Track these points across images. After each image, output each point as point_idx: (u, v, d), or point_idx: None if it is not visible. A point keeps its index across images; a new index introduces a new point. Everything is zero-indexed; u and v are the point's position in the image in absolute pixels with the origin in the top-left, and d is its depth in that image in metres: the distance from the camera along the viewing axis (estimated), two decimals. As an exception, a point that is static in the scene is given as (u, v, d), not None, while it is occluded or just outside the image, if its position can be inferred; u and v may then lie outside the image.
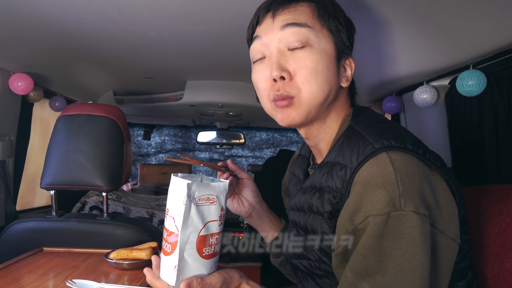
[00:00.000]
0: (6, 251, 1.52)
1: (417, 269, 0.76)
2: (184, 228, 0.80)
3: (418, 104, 1.65)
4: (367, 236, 0.77)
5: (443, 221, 0.80)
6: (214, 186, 0.85)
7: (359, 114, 0.97)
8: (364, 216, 0.78)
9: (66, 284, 1.14)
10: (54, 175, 1.54)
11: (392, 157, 0.79)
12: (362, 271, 0.79)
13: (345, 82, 0.95)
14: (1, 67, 1.70)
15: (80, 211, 2.56)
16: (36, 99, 1.98)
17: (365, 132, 0.87)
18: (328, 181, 0.90)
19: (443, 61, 1.43)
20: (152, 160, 5.00)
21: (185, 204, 0.79)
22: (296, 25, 0.88)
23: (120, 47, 1.68)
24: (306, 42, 0.88)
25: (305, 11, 0.90)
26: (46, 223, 1.56)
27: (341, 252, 0.84)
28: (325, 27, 0.90)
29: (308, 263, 0.99)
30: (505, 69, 1.31)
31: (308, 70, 0.88)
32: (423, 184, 0.79)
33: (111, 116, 1.61)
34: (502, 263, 1.05)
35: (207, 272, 0.85)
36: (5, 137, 1.82)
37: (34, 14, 1.31)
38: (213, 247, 0.85)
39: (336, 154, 0.91)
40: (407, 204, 0.75)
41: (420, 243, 0.75)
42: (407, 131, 0.90)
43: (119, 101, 2.72)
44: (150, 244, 1.40)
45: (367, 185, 0.79)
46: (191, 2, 1.22)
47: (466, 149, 1.53)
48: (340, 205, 0.87)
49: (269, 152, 4.89)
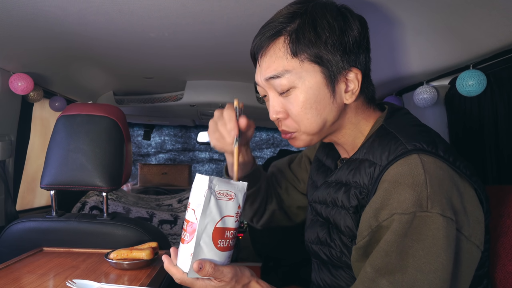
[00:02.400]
0: (6, 251, 1.52)
1: (438, 270, 0.76)
2: (203, 217, 0.84)
3: (418, 104, 1.65)
4: (391, 233, 0.78)
5: (469, 227, 0.81)
6: (233, 184, 0.89)
7: (393, 115, 0.97)
8: (390, 213, 0.79)
9: (66, 284, 1.14)
10: (54, 175, 1.54)
11: (423, 159, 0.80)
12: (383, 268, 0.80)
13: (349, 98, 0.92)
14: (1, 67, 1.70)
15: (80, 211, 2.56)
16: (36, 99, 1.98)
17: (398, 133, 0.88)
18: (355, 177, 0.91)
19: (443, 61, 1.43)
20: (152, 160, 4.99)
21: (206, 195, 0.83)
22: (275, 77, 0.90)
23: (120, 47, 1.68)
24: (290, 86, 0.90)
25: (282, 51, 0.88)
26: (46, 223, 1.56)
27: (362, 247, 0.85)
28: (306, 60, 0.88)
29: (330, 252, 0.99)
30: (505, 69, 1.31)
31: (299, 109, 0.91)
32: (452, 189, 0.79)
33: (111, 116, 1.61)
34: (503, 265, 1.05)
35: (221, 263, 0.87)
36: (5, 137, 1.82)
37: (34, 14, 1.31)
38: (228, 241, 0.88)
39: (366, 151, 0.91)
40: (434, 206, 0.76)
41: (443, 246, 0.76)
42: (440, 136, 0.90)
43: (119, 101, 2.72)
44: (150, 244, 1.40)
45: (395, 183, 0.79)
46: (191, 2, 1.22)
47: (466, 149, 1.52)
48: (365, 201, 0.87)
49: (269, 152, 4.89)
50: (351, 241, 0.92)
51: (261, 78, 0.94)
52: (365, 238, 0.84)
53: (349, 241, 0.93)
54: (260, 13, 0.97)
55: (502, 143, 1.35)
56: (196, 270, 0.82)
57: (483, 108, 1.43)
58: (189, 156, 5.06)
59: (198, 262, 0.82)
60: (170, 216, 2.82)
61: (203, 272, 0.82)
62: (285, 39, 0.88)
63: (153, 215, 2.80)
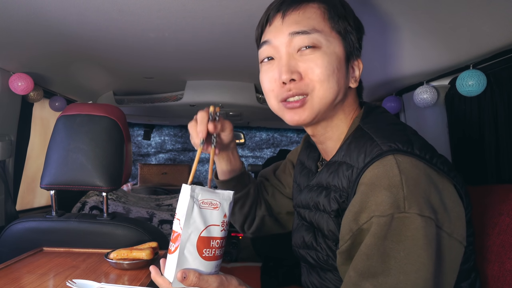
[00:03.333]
0: (6, 251, 1.52)
1: (420, 270, 0.76)
2: (186, 226, 0.84)
3: (418, 104, 1.65)
4: (370, 237, 0.78)
5: (450, 223, 0.81)
6: (218, 193, 0.88)
7: (369, 115, 0.97)
8: (368, 216, 0.79)
9: (66, 284, 1.14)
10: (54, 175, 1.54)
11: (398, 160, 0.80)
12: (365, 272, 0.80)
13: (354, 82, 0.96)
14: (1, 67, 1.70)
15: (80, 211, 2.56)
16: (36, 99, 1.98)
17: (373, 134, 0.88)
18: (335, 180, 0.91)
19: (443, 61, 1.43)
20: (152, 160, 5.00)
21: (188, 205, 0.84)
22: (303, 33, 0.89)
23: (120, 47, 1.68)
24: (316, 44, 0.89)
25: (315, 14, 0.91)
26: (46, 223, 1.56)
27: (345, 250, 0.85)
28: (335, 30, 0.91)
29: (317, 256, 1.00)
30: (505, 69, 1.31)
31: (320, 70, 0.89)
32: (429, 187, 0.79)
33: (111, 116, 1.61)
34: (502, 263, 1.05)
35: (207, 272, 0.86)
36: (5, 137, 1.83)
37: (34, 14, 1.31)
38: (214, 250, 0.87)
39: (344, 153, 0.92)
40: (412, 206, 0.76)
41: (423, 245, 0.76)
42: (417, 134, 0.91)
43: (119, 101, 2.72)
44: (150, 244, 1.40)
45: (372, 186, 0.79)
46: (191, 3, 1.22)
47: (466, 149, 1.53)
48: (346, 204, 0.88)
49: (269, 152, 4.89)
50: (335, 245, 0.93)
51: (281, 34, 0.92)
52: (347, 242, 0.84)
53: (333, 245, 0.93)
54: (259, 15, 0.97)
55: (502, 142, 1.35)
56: (180, 279, 0.82)
57: (483, 108, 1.43)
58: (189, 156, 5.06)
59: (182, 271, 0.82)
60: (170, 216, 2.82)
61: (187, 282, 0.82)
62: (319, 6, 0.92)
63: (153, 215, 2.80)
